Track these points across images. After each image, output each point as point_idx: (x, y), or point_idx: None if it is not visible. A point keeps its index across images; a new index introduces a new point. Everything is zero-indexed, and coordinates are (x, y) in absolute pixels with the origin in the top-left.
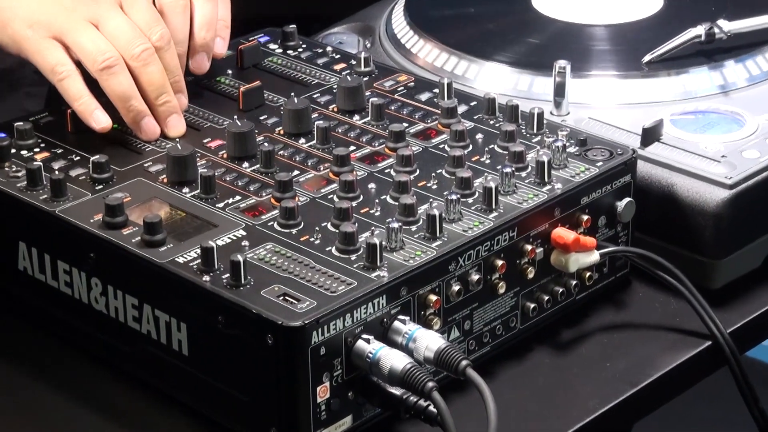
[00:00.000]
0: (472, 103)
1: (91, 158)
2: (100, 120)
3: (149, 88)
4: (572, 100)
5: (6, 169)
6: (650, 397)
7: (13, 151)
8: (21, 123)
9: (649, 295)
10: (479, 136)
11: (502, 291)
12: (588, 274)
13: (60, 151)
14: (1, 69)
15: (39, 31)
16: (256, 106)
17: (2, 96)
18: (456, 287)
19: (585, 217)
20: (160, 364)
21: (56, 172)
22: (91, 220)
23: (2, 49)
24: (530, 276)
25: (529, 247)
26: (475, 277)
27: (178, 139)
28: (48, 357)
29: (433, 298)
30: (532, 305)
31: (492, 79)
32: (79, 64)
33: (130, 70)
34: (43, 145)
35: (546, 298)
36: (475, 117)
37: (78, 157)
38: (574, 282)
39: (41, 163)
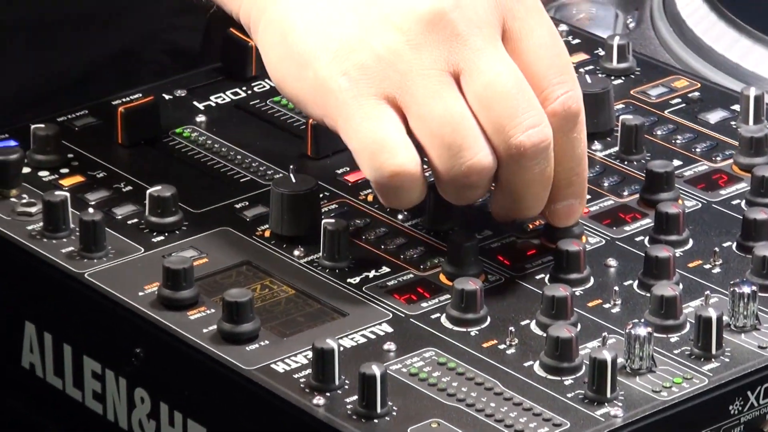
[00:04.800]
0: None
1: (149, 189)
2: None
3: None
4: None
5: (13, 199)
6: None
7: (26, 170)
8: (41, 126)
9: None
10: None
11: None
12: None
13: (101, 174)
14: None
15: (360, 83)
16: None
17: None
18: None
19: None
20: None
21: (91, 210)
22: (141, 293)
23: (300, 107)
24: None
25: None
26: None
27: (292, 167)
28: None
29: None
30: None
31: None
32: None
33: (499, 161)
34: (75, 163)
35: None
36: None
37: (129, 187)
38: None
39: (68, 194)
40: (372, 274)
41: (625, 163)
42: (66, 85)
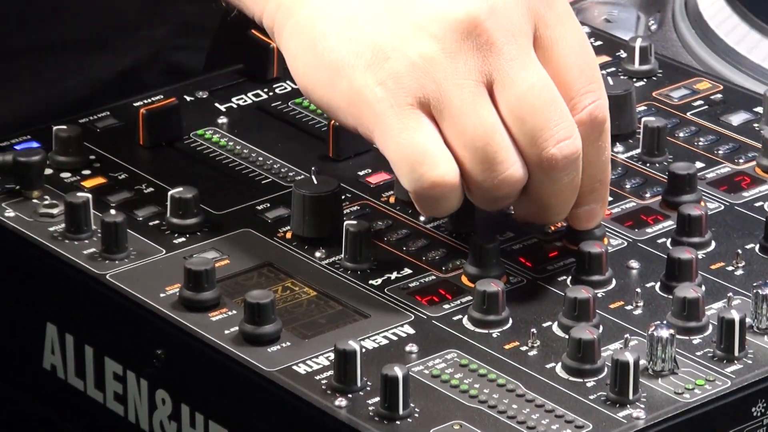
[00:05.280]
0: None
1: (171, 191)
2: None
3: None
4: None
5: (35, 201)
6: None
7: (48, 172)
8: (63, 127)
9: None
10: None
11: None
12: None
13: (123, 176)
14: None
15: (397, 92)
16: None
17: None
18: None
19: None
20: None
21: (112, 212)
22: (162, 295)
23: (330, 114)
24: None
25: None
26: None
27: (314, 169)
28: None
29: None
30: None
31: None
32: None
33: (530, 171)
34: (97, 164)
35: None
36: None
37: (150, 188)
38: None
39: (90, 195)
40: (394, 275)
41: (648, 165)
42: (67, 107)
